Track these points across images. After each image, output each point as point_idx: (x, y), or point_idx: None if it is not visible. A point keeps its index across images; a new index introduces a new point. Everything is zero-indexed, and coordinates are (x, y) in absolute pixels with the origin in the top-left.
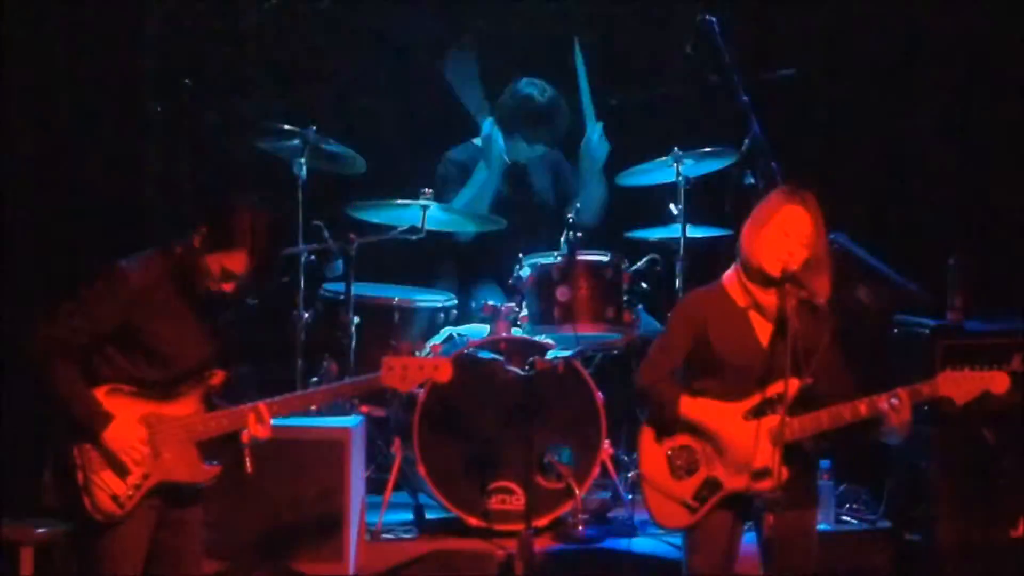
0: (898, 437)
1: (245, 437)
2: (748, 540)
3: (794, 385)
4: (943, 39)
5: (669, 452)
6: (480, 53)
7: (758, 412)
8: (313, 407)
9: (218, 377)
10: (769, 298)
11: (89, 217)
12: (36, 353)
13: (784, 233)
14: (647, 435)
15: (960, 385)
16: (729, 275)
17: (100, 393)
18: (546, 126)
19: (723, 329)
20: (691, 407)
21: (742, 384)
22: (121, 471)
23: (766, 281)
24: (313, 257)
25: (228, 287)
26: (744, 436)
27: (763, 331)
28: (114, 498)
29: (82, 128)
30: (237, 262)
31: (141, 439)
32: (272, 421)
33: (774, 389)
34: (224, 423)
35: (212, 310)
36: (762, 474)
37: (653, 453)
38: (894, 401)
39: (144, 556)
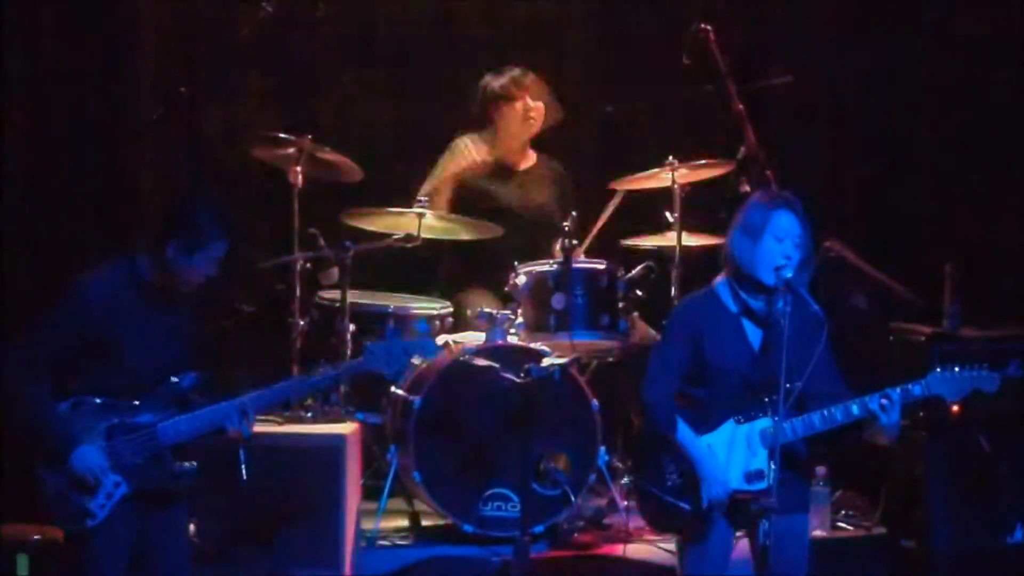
0: (888, 438)
1: (233, 436)
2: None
3: (787, 390)
4: (938, 46)
5: (666, 459)
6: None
7: (751, 416)
8: (295, 403)
9: (189, 379)
10: (761, 304)
11: (85, 224)
12: (3, 378)
13: (777, 240)
14: (644, 443)
15: (951, 384)
16: (720, 281)
17: (66, 407)
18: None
19: (717, 336)
20: (686, 416)
21: (734, 390)
22: (89, 488)
23: (759, 288)
24: (309, 265)
25: (212, 273)
26: (738, 441)
27: (755, 337)
28: (85, 511)
29: (78, 135)
30: (218, 249)
31: (106, 459)
32: (254, 418)
33: (766, 393)
34: (197, 424)
35: (176, 311)
36: (756, 477)
37: (650, 460)
38: (884, 402)
39: (126, 559)
